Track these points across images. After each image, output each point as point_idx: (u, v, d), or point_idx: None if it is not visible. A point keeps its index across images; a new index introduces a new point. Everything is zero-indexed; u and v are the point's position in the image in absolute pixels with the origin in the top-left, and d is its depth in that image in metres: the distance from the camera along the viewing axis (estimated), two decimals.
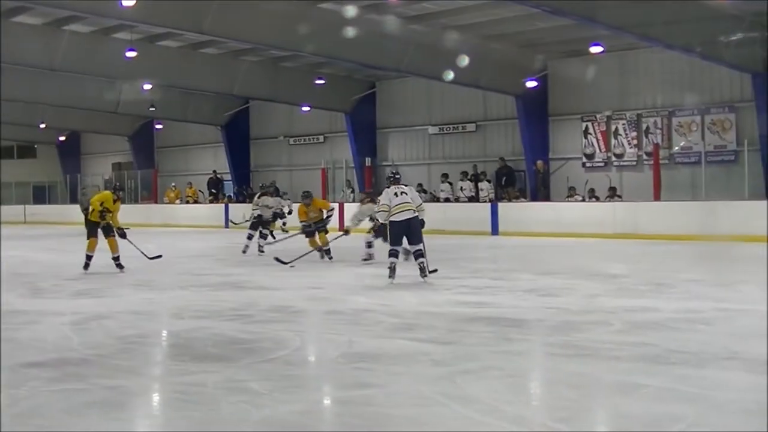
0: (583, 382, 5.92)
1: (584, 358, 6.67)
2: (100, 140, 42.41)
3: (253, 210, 17.86)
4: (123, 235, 13.84)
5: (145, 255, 14.54)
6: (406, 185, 12.51)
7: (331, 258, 15.37)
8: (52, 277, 13.49)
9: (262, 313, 9.42)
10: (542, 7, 17.36)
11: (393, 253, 11.75)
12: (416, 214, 11.86)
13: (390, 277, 11.55)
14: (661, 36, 18.99)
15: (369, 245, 15.03)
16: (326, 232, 15.88)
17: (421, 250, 11.70)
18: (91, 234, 13.68)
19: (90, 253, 13.60)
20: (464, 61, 22.69)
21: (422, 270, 11.61)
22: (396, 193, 11.98)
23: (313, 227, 15.66)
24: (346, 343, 7.46)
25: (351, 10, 19.81)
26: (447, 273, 12.80)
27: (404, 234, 11.86)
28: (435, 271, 11.94)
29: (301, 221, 15.75)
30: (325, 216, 15.92)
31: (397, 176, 12.67)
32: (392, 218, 11.85)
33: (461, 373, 6.15)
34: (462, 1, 20.03)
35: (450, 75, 23.92)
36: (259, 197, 18.15)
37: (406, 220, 11.77)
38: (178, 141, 38.57)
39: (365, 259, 14.98)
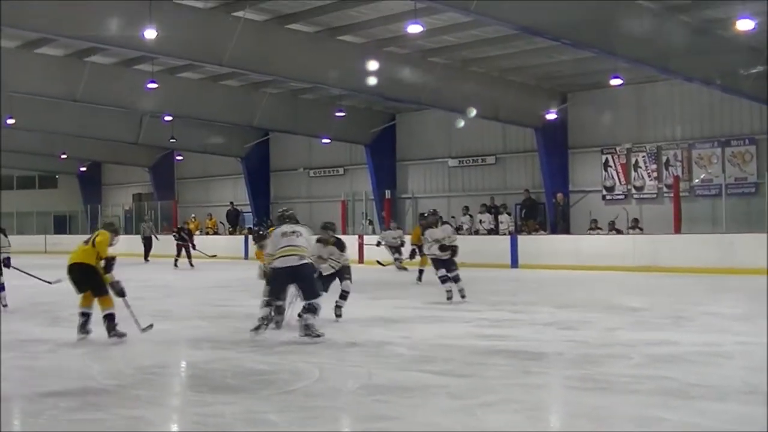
0: (602, 415, 5.90)
1: (603, 391, 6.64)
2: (121, 171, 42.70)
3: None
4: (121, 293, 9.85)
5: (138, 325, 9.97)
6: (302, 225, 10.09)
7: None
8: (71, 306, 13.41)
9: (280, 345, 9.41)
10: (562, 40, 17.41)
11: (265, 304, 9.75)
12: (305, 261, 9.53)
13: (254, 329, 9.51)
14: (680, 68, 19.00)
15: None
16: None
17: (312, 305, 9.45)
18: (103, 290, 9.87)
19: (112, 311, 9.82)
20: (472, 113, 23.00)
21: (307, 329, 9.37)
22: (285, 233, 9.66)
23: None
24: (365, 375, 7.45)
25: (373, 64, 20.15)
26: (466, 306, 12.79)
27: (288, 284, 9.68)
28: (320, 335, 9.39)
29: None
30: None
31: (289, 212, 10.34)
32: (273, 264, 9.64)
33: (480, 406, 6.14)
34: (481, 34, 20.07)
35: (461, 123, 24.08)
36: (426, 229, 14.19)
37: (288, 267, 9.42)
38: (198, 172, 38.81)
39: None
